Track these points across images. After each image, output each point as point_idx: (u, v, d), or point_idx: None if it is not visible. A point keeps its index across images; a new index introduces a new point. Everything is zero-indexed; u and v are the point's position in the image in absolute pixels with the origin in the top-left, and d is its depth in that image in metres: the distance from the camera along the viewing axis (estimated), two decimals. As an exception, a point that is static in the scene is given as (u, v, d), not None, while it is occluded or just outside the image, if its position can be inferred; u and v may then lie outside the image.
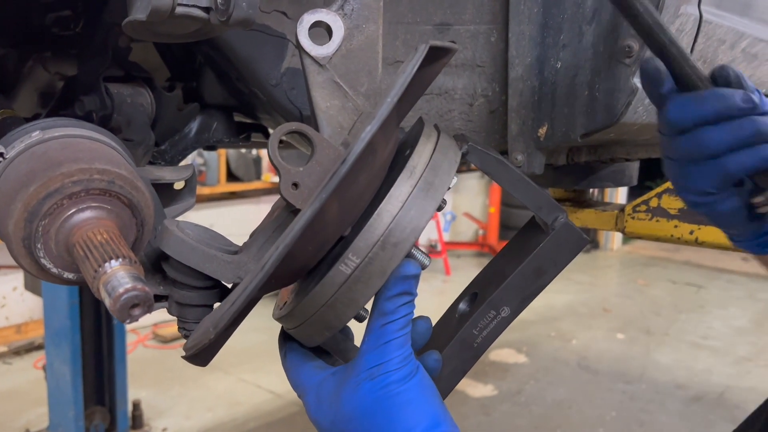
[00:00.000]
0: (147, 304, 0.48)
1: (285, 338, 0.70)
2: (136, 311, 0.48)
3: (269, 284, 0.55)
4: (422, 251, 0.64)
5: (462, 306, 0.79)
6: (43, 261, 0.55)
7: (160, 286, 0.68)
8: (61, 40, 1.14)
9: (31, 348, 4.75)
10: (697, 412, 4.12)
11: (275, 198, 0.76)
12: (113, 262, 0.50)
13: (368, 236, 0.58)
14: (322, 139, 0.60)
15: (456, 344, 0.72)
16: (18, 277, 4.62)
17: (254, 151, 6.01)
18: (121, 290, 0.48)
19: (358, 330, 0.69)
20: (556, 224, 0.72)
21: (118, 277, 0.49)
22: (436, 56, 0.60)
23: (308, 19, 0.63)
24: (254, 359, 4.48)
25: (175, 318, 0.70)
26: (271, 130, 1.44)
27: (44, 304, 3.36)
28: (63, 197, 0.54)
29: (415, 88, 0.62)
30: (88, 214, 0.55)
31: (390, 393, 0.61)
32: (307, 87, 0.65)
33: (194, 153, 5.77)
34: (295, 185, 0.58)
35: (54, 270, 0.56)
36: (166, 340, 4.99)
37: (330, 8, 0.64)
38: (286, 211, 0.65)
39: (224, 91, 1.27)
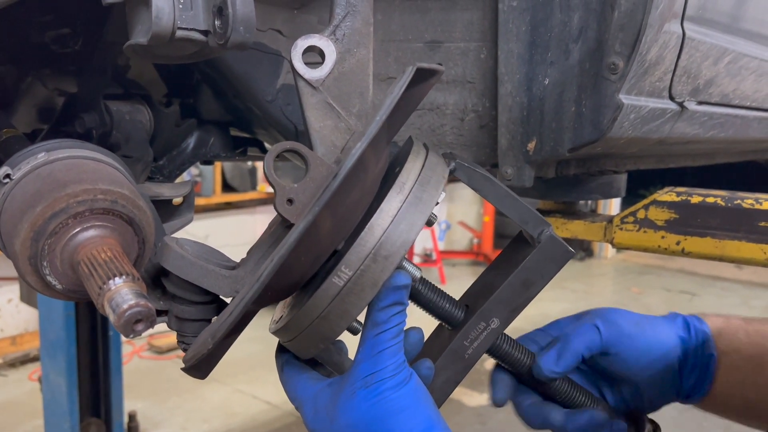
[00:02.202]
0: (150, 320, 0.51)
1: (281, 351, 0.73)
2: (140, 326, 0.51)
3: (265, 296, 0.57)
4: (412, 263, 0.67)
5: None
6: (48, 278, 0.57)
7: (160, 300, 0.71)
8: (60, 58, 1.16)
9: (26, 360, 4.74)
10: (691, 419, 4.13)
11: (271, 208, 0.78)
12: (117, 279, 0.52)
13: (360, 249, 0.61)
14: (315, 157, 0.62)
15: (448, 355, 0.74)
16: (13, 289, 4.62)
17: (249, 162, 6.03)
18: (125, 306, 0.50)
19: (351, 343, 0.71)
20: (541, 237, 0.75)
21: (122, 293, 0.51)
22: (424, 77, 0.62)
23: (302, 44, 0.66)
24: (250, 370, 4.49)
25: (170, 329, 0.72)
26: (267, 145, 1.46)
27: (40, 315, 3.36)
28: (68, 217, 0.56)
29: (405, 108, 0.65)
30: (92, 232, 0.57)
31: (385, 400, 0.63)
32: (302, 108, 0.68)
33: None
34: (290, 201, 0.60)
35: (59, 287, 0.58)
36: (161, 351, 4.99)
37: (323, 33, 0.67)
38: (281, 227, 0.67)
39: (221, 107, 1.30)
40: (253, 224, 6.18)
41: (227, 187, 6.07)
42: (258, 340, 3.06)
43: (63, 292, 0.59)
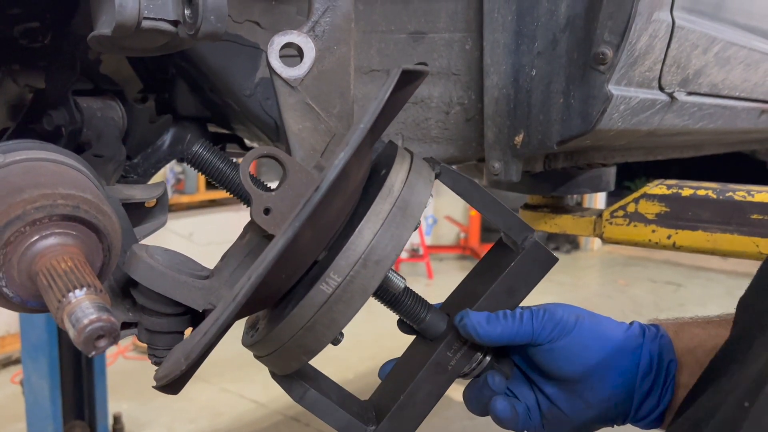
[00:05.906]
0: (113, 335, 0.47)
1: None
2: (102, 343, 0.47)
3: (242, 312, 0.53)
4: (397, 274, 0.64)
5: None
6: (5, 290, 0.53)
7: (129, 312, 0.67)
8: (30, 53, 1.12)
9: (8, 362, 4.66)
10: None
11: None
12: (77, 291, 0.48)
13: (350, 254, 0.58)
14: (294, 163, 0.59)
15: (431, 367, 0.71)
16: (-7, 291, 4.53)
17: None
18: (85, 321, 0.46)
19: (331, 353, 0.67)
20: (525, 243, 0.73)
21: (83, 307, 0.47)
22: (408, 79, 0.59)
23: (279, 41, 0.62)
24: (237, 369, 4.43)
25: (140, 341, 0.69)
26: (246, 141, 1.42)
27: (20, 317, 3.30)
28: (25, 224, 0.52)
29: (389, 111, 0.62)
30: (51, 241, 0.53)
31: None
32: (279, 109, 0.64)
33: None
34: (267, 210, 0.57)
35: (17, 299, 0.54)
36: (146, 352, 4.93)
37: (301, 29, 0.63)
38: (257, 236, 0.63)
39: (198, 103, 1.25)
40: (238, 222, 6.09)
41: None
42: (243, 339, 3.01)
43: (22, 304, 0.54)
